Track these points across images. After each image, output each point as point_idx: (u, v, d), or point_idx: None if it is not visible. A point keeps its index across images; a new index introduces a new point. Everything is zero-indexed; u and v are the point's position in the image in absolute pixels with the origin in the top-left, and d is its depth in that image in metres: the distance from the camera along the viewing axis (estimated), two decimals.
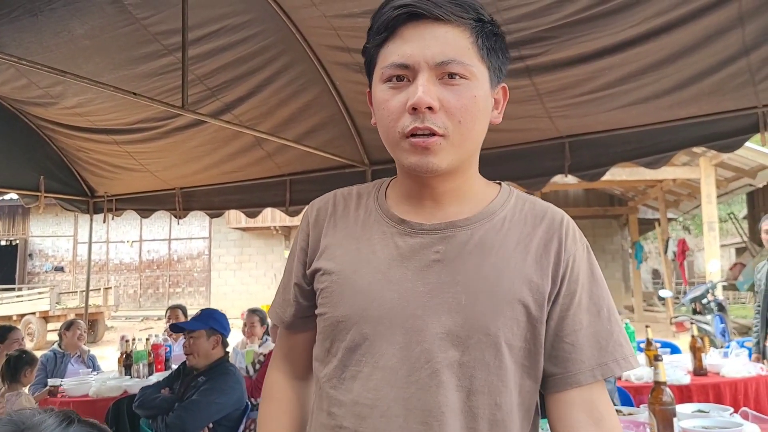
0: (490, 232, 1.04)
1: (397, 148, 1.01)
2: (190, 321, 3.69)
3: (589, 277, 1.05)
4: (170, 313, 6.03)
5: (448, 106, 0.96)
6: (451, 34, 0.97)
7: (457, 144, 0.99)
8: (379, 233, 1.07)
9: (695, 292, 9.21)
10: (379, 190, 1.15)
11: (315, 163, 4.94)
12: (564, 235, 1.05)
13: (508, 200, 1.09)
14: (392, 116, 0.99)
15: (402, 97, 0.98)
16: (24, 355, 4.19)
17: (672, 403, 2.24)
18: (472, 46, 0.98)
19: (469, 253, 1.02)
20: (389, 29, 1.00)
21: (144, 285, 21.50)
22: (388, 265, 1.03)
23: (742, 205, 20.16)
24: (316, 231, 1.14)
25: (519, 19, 3.01)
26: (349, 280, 1.05)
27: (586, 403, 1.02)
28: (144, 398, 3.51)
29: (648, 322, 12.67)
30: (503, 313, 0.99)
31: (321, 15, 3.38)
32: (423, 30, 0.97)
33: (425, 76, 0.96)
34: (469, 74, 0.97)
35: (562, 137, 4.05)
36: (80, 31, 3.48)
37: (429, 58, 0.96)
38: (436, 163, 0.98)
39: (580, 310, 1.03)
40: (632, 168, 10.27)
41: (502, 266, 1.01)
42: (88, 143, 5.25)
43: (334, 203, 1.16)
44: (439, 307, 0.99)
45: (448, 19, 0.96)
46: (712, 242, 10.75)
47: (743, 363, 4.04)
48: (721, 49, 3.02)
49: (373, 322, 1.01)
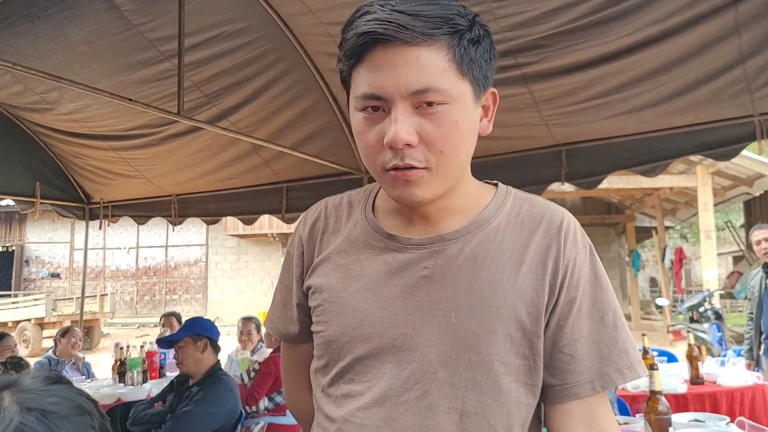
0: (482, 243, 0.99)
1: (380, 180, 0.98)
2: (176, 332, 3.68)
3: (591, 281, 1.00)
4: (165, 320, 6.00)
5: (427, 138, 0.90)
6: (424, 57, 0.88)
7: (441, 174, 0.93)
8: (367, 249, 1.04)
9: (692, 301, 9.21)
10: (368, 200, 1.11)
11: (311, 171, 4.94)
12: (563, 240, 1.00)
13: (504, 204, 1.04)
14: (370, 150, 0.94)
15: (378, 130, 0.92)
16: (21, 361, 4.20)
17: (668, 412, 2.23)
18: (449, 64, 0.90)
19: (459, 268, 0.97)
20: (356, 55, 0.92)
21: (140, 292, 21.44)
22: (377, 283, 1.00)
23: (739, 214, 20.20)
24: (310, 247, 1.12)
25: (515, 27, 3.01)
26: (339, 297, 1.02)
27: (586, 415, 0.97)
28: (135, 415, 3.51)
29: (645, 330, 12.67)
30: (495, 331, 0.95)
31: (318, 22, 3.38)
32: (393, 55, 0.89)
33: (400, 108, 0.89)
34: (448, 98, 0.90)
35: (558, 145, 4.05)
36: (76, 37, 3.48)
37: (402, 89, 0.88)
38: (420, 195, 0.94)
39: (581, 317, 0.98)
40: (629, 176, 10.30)
41: (495, 280, 0.96)
42: (84, 149, 5.24)
43: (325, 216, 1.13)
44: (429, 326, 0.96)
45: (418, 41, 0.88)
46: (709, 250, 10.76)
47: (740, 372, 4.03)
48: (717, 57, 3.03)
49: (364, 341, 0.99)
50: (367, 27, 0.89)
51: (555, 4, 2.83)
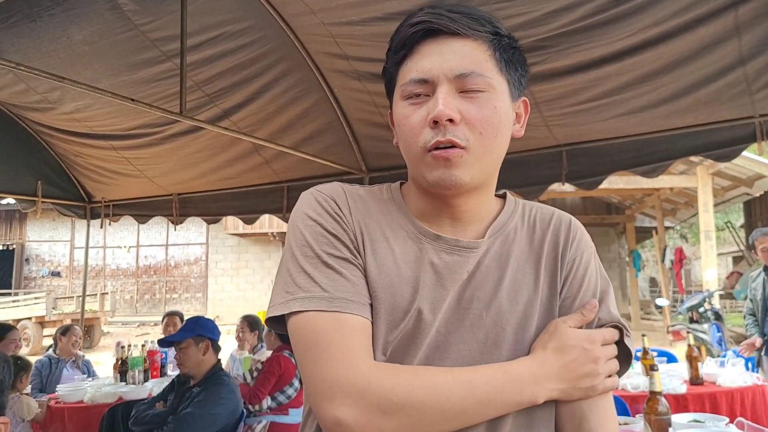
0: (504, 244, 1.05)
1: (420, 163, 0.99)
2: (177, 333, 3.67)
3: (595, 279, 1.06)
4: (168, 319, 5.98)
5: (468, 117, 0.95)
6: (468, 48, 0.97)
7: (479, 156, 0.97)
8: (414, 250, 1.02)
9: (692, 301, 9.21)
10: (394, 201, 1.08)
11: (312, 170, 4.95)
12: (571, 238, 1.07)
13: (515, 210, 1.10)
14: (413, 131, 0.98)
15: (422, 112, 0.97)
16: (19, 361, 4.21)
17: (667, 413, 2.24)
18: (490, 58, 0.98)
19: (488, 268, 1.02)
20: (407, 46, 1.00)
21: (141, 290, 21.46)
22: (421, 282, 0.99)
23: (739, 214, 20.20)
24: (354, 219, 1.03)
25: (516, 29, 3.02)
26: (389, 295, 0.99)
27: (575, 414, 0.98)
28: (137, 415, 3.51)
29: (645, 330, 12.68)
30: (523, 327, 0.99)
31: (320, 22, 3.39)
32: (440, 45, 0.97)
33: (445, 89, 0.96)
34: (488, 86, 0.97)
35: (559, 146, 4.07)
36: (79, 36, 3.49)
37: (447, 71, 0.96)
38: (459, 176, 0.96)
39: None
40: (629, 176, 10.29)
41: (519, 279, 1.02)
42: (85, 149, 5.24)
43: (351, 197, 1.06)
44: (461, 323, 0.99)
45: (465, 33, 0.97)
46: (709, 251, 10.77)
47: (740, 372, 4.03)
48: (717, 58, 3.04)
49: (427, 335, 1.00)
50: (420, 18, 0.98)
51: (556, 6, 2.84)
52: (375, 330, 0.96)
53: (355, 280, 0.97)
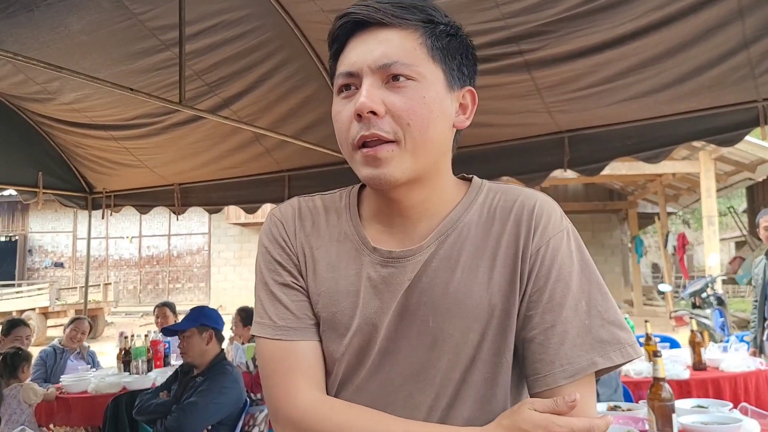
0: (456, 243, 0.99)
1: (352, 161, 0.98)
2: (181, 321, 3.68)
3: (567, 266, 0.96)
4: (158, 311, 5.98)
5: (394, 109, 0.92)
6: (395, 37, 0.94)
7: (410, 150, 0.93)
8: (354, 263, 1.02)
9: (695, 286, 9.20)
10: (349, 207, 1.09)
11: (314, 159, 4.93)
12: (533, 227, 0.97)
13: (475, 200, 1.03)
14: (344, 127, 0.96)
15: (351, 106, 0.95)
16: (20, 351, 4.24)
17: (671, 399, 2.23)
18: (420, 47, 0.94)
19: (435, 271, 0.98)
20: (338, 40, 0.99)
21: (144, 281, 21.51)
22: (360, 296, 1.00)
23: (741, 199, 20.16)
24: (298, 241, 1.06)
25: (518, 14, 3.00)
26: (329, 313, 1.02)
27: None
28: (141, 404, 3.51)
29: (647, 316, 12.69)
30: (473, 330, 0.96)
31: (319, 10, 3.37)
32: (367, 36, 0.96)
33: (369, 81, 0.93)
34: (415, 75, 0.93)
35: (561, 132, 4.05)
36: (77, 26, 3.46)
37: (371, 63, 0.93)
38: (389, 173, 0.94)
39: (552, 306, 0.94)
40: (632, 162, 10.27)
41: (470, 280, 0.97)
42: (86, 139, 5.23)
43: (300, 217, 1.08)
44: (408, 330, 0.98)
45: (391, 22, 0.94)
46: (712, 236, 10.75)
47: (743, 357, 4.03)
48: (720, 42, 3.01)
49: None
50: (348, 10, 0.97)
51: None
52: (325, 344, 1.02)
53: (297, 305, 1.03)
